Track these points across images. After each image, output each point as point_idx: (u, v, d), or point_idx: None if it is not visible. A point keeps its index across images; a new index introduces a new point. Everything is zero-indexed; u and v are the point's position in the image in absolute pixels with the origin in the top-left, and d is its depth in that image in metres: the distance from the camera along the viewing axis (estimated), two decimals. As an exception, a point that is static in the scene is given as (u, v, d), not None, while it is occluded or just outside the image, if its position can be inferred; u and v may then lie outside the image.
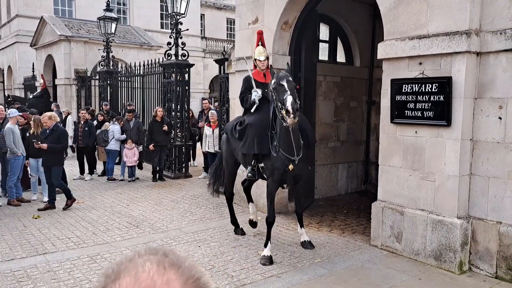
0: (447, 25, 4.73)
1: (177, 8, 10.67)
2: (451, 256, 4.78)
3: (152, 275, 0.67)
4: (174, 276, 0.68)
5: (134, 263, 0.70)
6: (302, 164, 5.19)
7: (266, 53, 5.83)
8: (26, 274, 4.71)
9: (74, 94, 17.10)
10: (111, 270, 0.70)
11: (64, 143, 7.70)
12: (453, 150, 4.72)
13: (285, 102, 4.60)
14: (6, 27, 24.82)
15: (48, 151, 7.40)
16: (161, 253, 0.72)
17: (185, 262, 0.72)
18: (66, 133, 7.91)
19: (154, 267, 0.68)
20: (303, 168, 5.31)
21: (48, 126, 7.48)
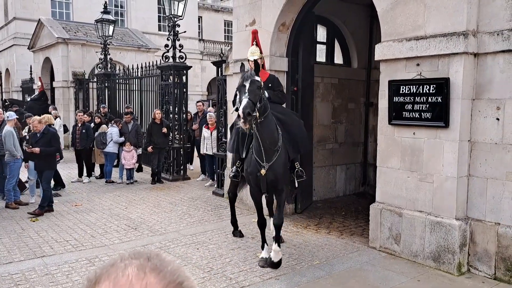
0: (445, 26, 4.74)
1: (175, 10, 10.68)
2: (449, 258, 4.77)
3: (131, 279, 0.66)
4: (154, 280, 0.67)
5: (115, 267, 0.69)
6: (281, 170, 4.84)
7: (259, 53, 5.57)
8: (24, 277, 4.69)
9: (72, 96, 17.08)
10: (93, 273, 0.70)
11: (56, 145, 7.60)
12: (451, 151, 4.73)
13: (239, 105, 4.40)
14: (3, 30, 24.77)
15: (40, 155, 7.28)
16: (145, 257, 0.71)
17: (168, 266, 0.70)
18: (57, 136, 7.80)
19: (134, 272, 0.67)
20: (280, 176, 4.87)
21: (39, 129, 7.36)
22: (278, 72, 7.31)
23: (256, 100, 4.40)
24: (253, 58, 5.45)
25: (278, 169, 4.81)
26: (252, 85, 4.44)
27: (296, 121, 5.31)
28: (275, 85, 5.47)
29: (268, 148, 4.74)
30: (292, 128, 5.08)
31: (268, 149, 4.74)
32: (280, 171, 4.83)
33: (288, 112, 5.34)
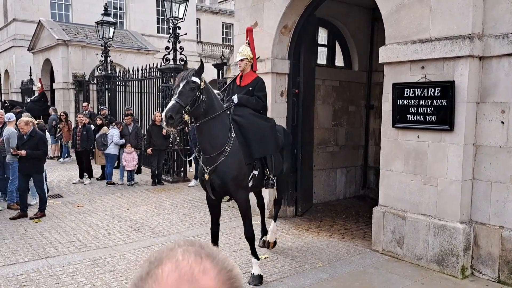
0: (450, 29, 4.77)
1: (176, 12, 10.69)
2: (453, 261, 4.78)
3: (190, 263, 0.74)
4: (210, 266, 0.74)
5: (174, 251, 0.77)
6: (228, 175, 4.48)
7: (249, 53, 5.21)
8: (29, 278, 4.67)
9: (72, 98, 17.06)
10: (153, 257, 0.77)
11: (44, 149, 7.32)
12: (456, 155, 4.74)
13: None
14: (3, 31, 24.73)
15: (27, 158, 7.02)
16: (198, 244, 0.79)
17: (219, 254, 0.79)
18: (44, 139, 7.53)
19: (192, 256, 0.75)
20: (229, 180, 4.49)
21: (25, 131, 7.11)
22: (279, 74, 7.34)
23: (187, 102, 4.11)
24: (240, 58, 5.20)
25: (224, 174, 4.46)
26: (185, 87, 4.16)
27: (257, 125, 4.85)
28: (257, 89, 5.12)
29: (209, 152, 4.47)
30: (249, 132, 4.72)
31: (209, 153, 4.47)
32: (228, 176, 4.46)
33: (247, 115, 4.86)
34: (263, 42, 7.41)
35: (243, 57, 5.19)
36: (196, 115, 4.30)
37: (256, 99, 5.07)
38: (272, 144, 4.93)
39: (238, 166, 4.55)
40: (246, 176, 4.71)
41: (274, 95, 7.31)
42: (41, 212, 7.27)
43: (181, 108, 4.08)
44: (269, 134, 4.93)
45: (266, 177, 4.97)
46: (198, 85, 4.25)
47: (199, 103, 4.25)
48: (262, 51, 7.41)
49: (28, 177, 7.31)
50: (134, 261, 5.26)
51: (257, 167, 4.88)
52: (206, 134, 4.45)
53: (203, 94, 4.32)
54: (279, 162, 5.30)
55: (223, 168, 4.47)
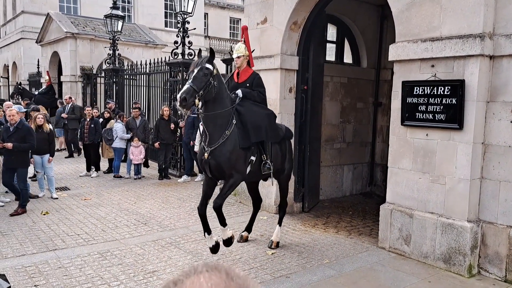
0: (461, 28, 4.74)
1: (185, 7, 10.68)
2: (460, 260, 4.78)
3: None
4: None
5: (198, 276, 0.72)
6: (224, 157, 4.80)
7: (244, 51, 5.43)
8: (38, 270, 4.73)
9: (79, 91, 17.14)
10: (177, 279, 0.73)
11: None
12: (465, 154, 4.73)
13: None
14: (11, 23, 24.87)
15: (13, 151, 6.78)
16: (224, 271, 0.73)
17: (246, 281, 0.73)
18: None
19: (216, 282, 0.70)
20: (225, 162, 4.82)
21: (15, 120, 6.91)
22: (288, 70, 7.33)
23: (200, 87, 4.47)
24: (236, 55, 5.44)
25: (221, 156, 4.80)
26: (199, 72, 4.51)
27: (254, 112, 5.12)
28: (255, 85, 5.35)
29: (211, 135, 4.82)
30: (247, 118, 4.98)
31: (212, 134, 4.82)
32: (224, 157, 4.81)
33: (247, 104, 5.15)
34: (272, 38, 7.40)
35: (240, 55, 5.42)
36: (207, 99, 4.64)
37: (258, 93, 5.35)
38: (268, 131, 5.17)
39: (233, 149, 4.86)
40: (241, 159, 4.96)
41: (283, 91, 7.31)
42: (21, 208, 7.00)
43: (195, 92, 4.42)
44: (266, 121, 5.17)
45: (263, 162, 5.19)
46: (211, 71, 4.58)
47: (210, 88, 4.58)
48: (271, 47, 7.41)
49: (13, 171, 7.04)
50: (142, 254, 5.32)
51: (255, 153, 5.11)
52: (211, 118, 4.79)
53: (215, 80, 4.65)
54: (277, 154, 5.48)
55: (221, 150, 4.81)
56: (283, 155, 5.60)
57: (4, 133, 7.00)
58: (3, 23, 26.89)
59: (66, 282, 4.42)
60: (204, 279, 0.70)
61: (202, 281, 0.70)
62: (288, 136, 5.85)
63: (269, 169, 5.20)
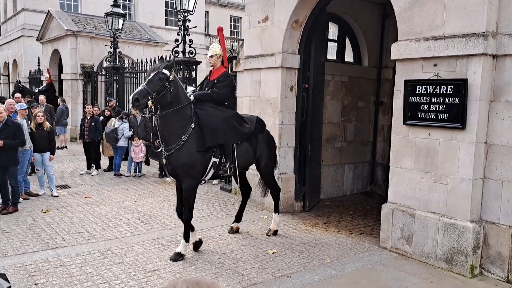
0: (464, 26, 4.71)
1: (185, 5, 10.64)
2: (462, 260, 4.76)
3: None
4: None
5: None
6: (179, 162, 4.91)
7: (219, 50, 5.60)
8: (38, 268, 4.71)
9: (80, 89, 17.12)
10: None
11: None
12: (467, 153, 4.70)
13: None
14: (12, 21, 24.82)
15: (4, 148, 6.64)
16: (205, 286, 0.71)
17: None
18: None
19: None
20: (180, 167, 4.95)
21: (3, 118, 6.78)
22: (289, 69, 7.30)
23: (154, 90, 4.63)
24: (210, 54, 5.58)
25: (176, 161, 4.93)
26: (155, 76, 4.70)
27: (212, 115, 5.21)
28: (220, 81, 5.51)
29: (167, 140, 4.96)
30: (204, 122, 5.09)
31: (167, 141, 4.96)
32: (179, 162, 4.93)
33: (207, 107, 5.27)
34: (273, 36, 7.38)
35: (213, 54, 5.58)
36: (163, 104, 4.80)
37: (212, 91, 5.46)
38: (227, 133, 5.27)
39: (189, 154, 4.97)
40: (197, 165, 5.07)
41: (284, 90, 7.29)
42: (13, 206, 6.94)
43: (148, 94, 4.61)
44: (224, 124, 5.26)
45: (223, 164, 5.33)
46: (167, 77, 4.76)
47: (165, 93, 4.74)
48: (272, 45, 7.38)
49: (4, 169, 6.88)
50: (142, 253, 5.30)
51: (217, 155, 5.26)
52: (164, 122, 4.91)
53: (171, 86, 4.81)
54: (247, 151, 5.60)
55: (177, 155, 4.93)
56: (255, 150, 5.73)
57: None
58: (4, 21, 26.86)
59: (66, 281, 4.40)
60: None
61: None
62: (259, 130, 5.88)
63: (225, 172, 5.39)
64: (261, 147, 5.84)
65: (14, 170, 7.02)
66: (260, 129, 5.86)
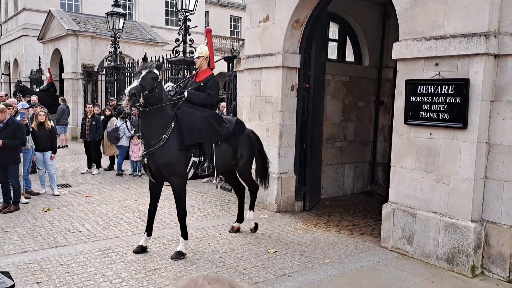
0: (465, 26, 4.71)
1: (186, 5, 10.65)
2: (463, 260, 4.76)
3: None
4: None
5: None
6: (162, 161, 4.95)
7: (205, 51, 5.59)
8: (40, 266, 4.71)
9: (81, 88, 17.12)
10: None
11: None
12: (469, 153, 4.70)
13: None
14: (13, 20, 24.83)
15: (3, 148, 6.62)
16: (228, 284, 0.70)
17: None
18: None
19: None
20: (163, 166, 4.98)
21: (1, 120, 6.75)
22: (290, 68, 7.30)
23: (146, 88, 4.71)
24: (197, 55, 5.59)
25: (159, 160, 4.94)
26: (148, 75, 4.78)
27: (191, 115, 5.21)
28: (208, 87, 5.43)
29: (148, 139, 4.98)
30: (183, 121, 5.11)
31: (148, 140, 4.98)
32: (162, 161, 4.95)
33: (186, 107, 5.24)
34: (274, 36, 7.38)
35: (200, 55, 5.57)
36: (148, 102, 4.80)
37: (206, 96, 5.44)
38: (206, 133, 5.29)
39: (172, 153, 4.99)
40: (181, 163, 5.09)
41: (285, 89, 7.29)
42: (14, 205, 6.94)
43: (143, 90, 4.67)
44: (202, 123, 5.27)
45: (201, 163, 5.34)
46: (157, 77, 4.88)
47: (154, 92, 4.82)
48: (273, 45, 7.38)
49: (4, 169, 6.87)
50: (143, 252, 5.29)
51: (196, 154, 5.27)
52: (146, 121, 4.95)
53: (158, 86, 4.92)
54: (227, 151, 5.61)
55: (158, 154, 4.94)
56: (234, 151, 5.74)
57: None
58: (5, 20, 26.86)
59: (68, 279, 4.40)
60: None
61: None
62: (239, 131, 5.86)
63: (203, 171, 5.41)
64: (241, 148, 5.82)
65: (14, 169, 6.99)
66: (239, 130, 5.83)
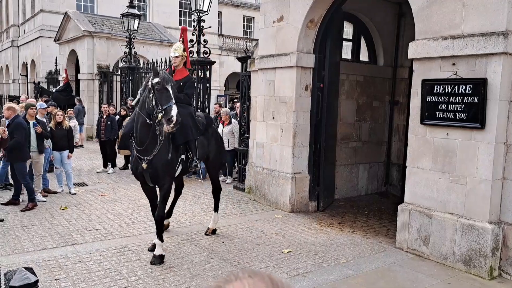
0: (483, 25, 4.64)
1: (200, 5, 10.71)
2: (481, 261, 4.70)
3: None
4: None
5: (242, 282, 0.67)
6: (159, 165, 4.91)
7: (182, 51, 5.52)
8: (58, 264, 4.80)
9: (96, 89, 17.36)
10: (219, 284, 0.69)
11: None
12: (486, 154, 4.64)
13: (168, 111, 4.54)
14: (30, 22, 25.28)
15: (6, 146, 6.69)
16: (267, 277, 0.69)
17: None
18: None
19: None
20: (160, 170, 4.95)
21: (7, 117, 6.88)
22: (304, 68, 7.29)
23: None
24: (175, 54, 5.46)
25: (157, 163, 4.90)
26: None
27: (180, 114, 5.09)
28: (187, 87, 5.46)
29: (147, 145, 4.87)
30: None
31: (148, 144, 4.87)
32: (159, 164, 4.90)
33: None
34: (288, 36, 7.38)
35: (178, 54, 5.46)
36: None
37: (184, 96, 5.45)
38: (193, 129, 5.34)
39: (168, 156, 4.97)
40: (174, 163, 5.13)
41: (299, 89, 7.29)
42: (31, 202, 7.01)
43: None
44: (190, 120, 5.33)
45: (190, 159, 5.37)
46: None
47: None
48: (287, 45, 7.38)
49: (12, 166, 7.08)
50: (159, 250, 5.35)
51: (183, 151, 5.33)
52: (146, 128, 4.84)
53: None
54: (203, 145, 5.66)
55: (158, 159, 4.89)
56: (207, 144, 5.81)
57: None
58: (22, 22, 27.37)
59: (85, 277, 4.48)
60: (248, 285, 0.66)
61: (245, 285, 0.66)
62: (209, 125, 5.99)
63: (196, 167, 5.47)
64: (211, 142, 5.93)
65: (19, 166, 7.00)
66: (209, 124, 6.01)
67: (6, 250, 5.14)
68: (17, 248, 5.28)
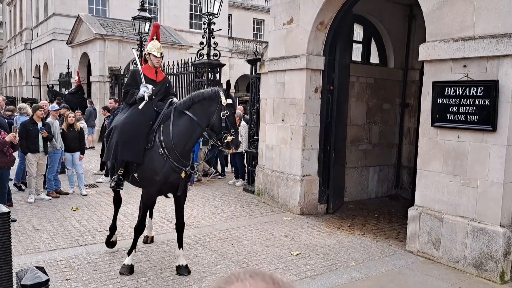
0: (495, 27, 4.60)
1: (211, 8, 10.77)
2: (492, 265, 4.64)
3: None
4: None
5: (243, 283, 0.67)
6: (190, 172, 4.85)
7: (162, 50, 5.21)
8: (69, 264, 4.86)
9: (107, 91, 17.53)
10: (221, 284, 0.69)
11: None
12: (498, 156, 4.59)
13: (237, 136, 4.62)
14: (43, 25, 25.67)
15: None
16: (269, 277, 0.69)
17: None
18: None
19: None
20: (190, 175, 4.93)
21: None
22: (314, 70, 7.29)
23: None
24: (159, 55, 5.08)
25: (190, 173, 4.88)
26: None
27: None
28: (170, 88, 5.38)
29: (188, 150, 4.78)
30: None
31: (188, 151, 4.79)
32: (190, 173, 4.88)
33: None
34: (298, 38, 7.38)
35: (161, 55, 5.17)
36: None
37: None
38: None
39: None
40: None
41: (308, 91, 7.29)
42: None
43: None
44: None
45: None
46: None
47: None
48: (297, 47, 7.38)
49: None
50: (168, 252, 5.39)
51: None
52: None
53: None
54: None
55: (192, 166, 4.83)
56: None
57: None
58: (36, 25, 27.80)
59: (96, 277, 4.52)
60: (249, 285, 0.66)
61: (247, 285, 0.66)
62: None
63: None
64: None
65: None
66: None
67: (18, 250, 5.22)
68: (29, 248, 5.36)
